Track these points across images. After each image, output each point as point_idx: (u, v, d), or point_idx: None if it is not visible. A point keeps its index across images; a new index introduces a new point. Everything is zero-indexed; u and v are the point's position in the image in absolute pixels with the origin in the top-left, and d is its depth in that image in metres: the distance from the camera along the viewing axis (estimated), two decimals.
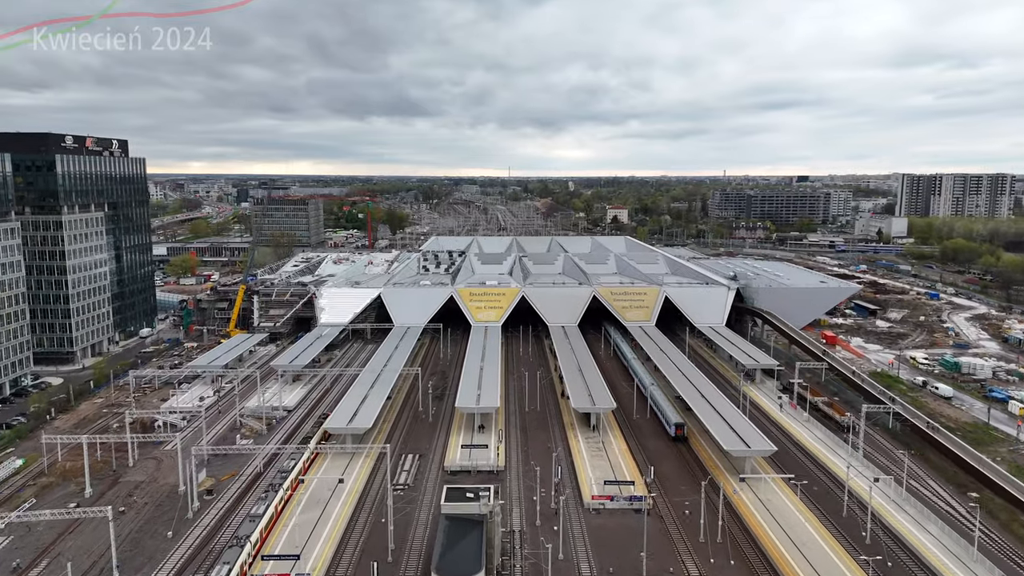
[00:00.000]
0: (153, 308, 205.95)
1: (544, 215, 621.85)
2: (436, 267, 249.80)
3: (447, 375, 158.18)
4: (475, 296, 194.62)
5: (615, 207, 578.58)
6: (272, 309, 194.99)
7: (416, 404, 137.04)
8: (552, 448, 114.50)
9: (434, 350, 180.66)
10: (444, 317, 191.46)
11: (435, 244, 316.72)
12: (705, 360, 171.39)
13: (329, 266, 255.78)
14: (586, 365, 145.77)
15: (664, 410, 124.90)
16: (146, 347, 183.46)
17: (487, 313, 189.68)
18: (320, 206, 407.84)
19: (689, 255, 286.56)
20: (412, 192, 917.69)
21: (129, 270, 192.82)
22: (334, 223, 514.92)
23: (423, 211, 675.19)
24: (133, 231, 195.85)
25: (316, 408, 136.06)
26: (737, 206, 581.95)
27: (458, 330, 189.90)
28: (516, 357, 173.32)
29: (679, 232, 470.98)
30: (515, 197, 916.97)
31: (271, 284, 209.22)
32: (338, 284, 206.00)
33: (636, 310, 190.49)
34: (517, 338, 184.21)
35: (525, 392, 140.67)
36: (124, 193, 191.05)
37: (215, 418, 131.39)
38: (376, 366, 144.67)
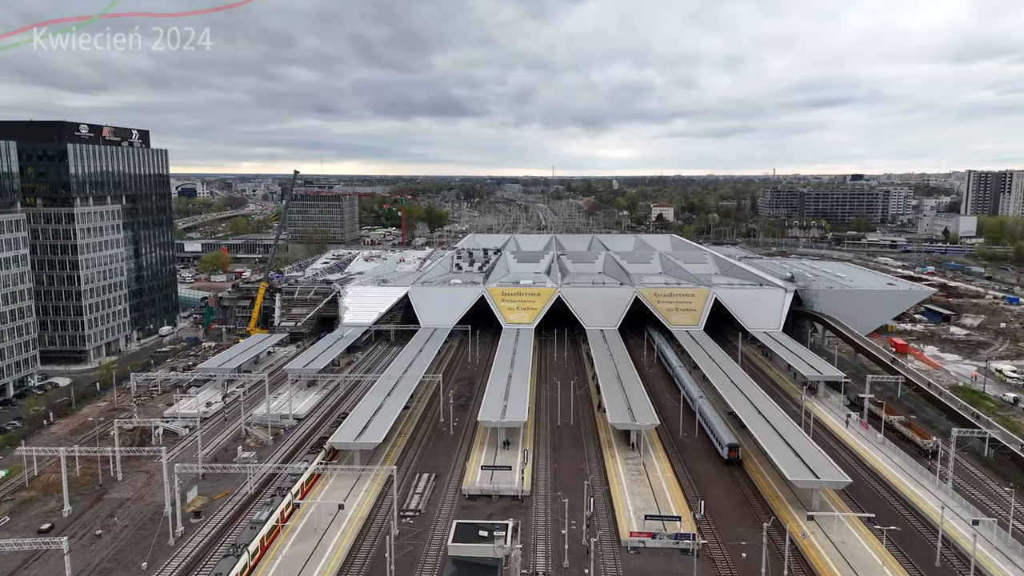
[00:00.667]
0: (175, 305, 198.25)
1: (586, 213, 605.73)
2: (470, 265, 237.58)
3: (474, 382, 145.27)
4: (507, 296, 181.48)
5: (660, 205, 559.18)
6: (295, 308, 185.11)
7: (438, 415, 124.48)
8: (586, 471, 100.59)
9: (462, 354, 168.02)
10: (475, 318, 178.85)
11: (471, 242, 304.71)
12: (760, 370, 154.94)
13: (360, 263, 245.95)
14: (626, 374, 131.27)
15: (715, 428, 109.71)
16: (163, 346, 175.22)
17: (520, 314, 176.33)
18: (356, 202, 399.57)
19: (740, 254, 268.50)
20: (454, 191, 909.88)
21: (149, 266, 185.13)
22: (373, 221, 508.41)
23: (463, 209, 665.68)
24: (153, 225, 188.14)
25: (329, 417, 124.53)
26: (789, 204, 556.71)
27: (489, 332, 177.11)
28: (549, 363, 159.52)
29: (728, 231, 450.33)
30: (557, 196, 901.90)
31: (295, 281, 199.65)
32: (364, 282, 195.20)
33: (682, 313, 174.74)
34: (551, 342, 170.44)
35: (558, 403, 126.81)
36: (144, 185, 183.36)
37: (219, 426, 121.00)
38: (396, 372, 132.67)
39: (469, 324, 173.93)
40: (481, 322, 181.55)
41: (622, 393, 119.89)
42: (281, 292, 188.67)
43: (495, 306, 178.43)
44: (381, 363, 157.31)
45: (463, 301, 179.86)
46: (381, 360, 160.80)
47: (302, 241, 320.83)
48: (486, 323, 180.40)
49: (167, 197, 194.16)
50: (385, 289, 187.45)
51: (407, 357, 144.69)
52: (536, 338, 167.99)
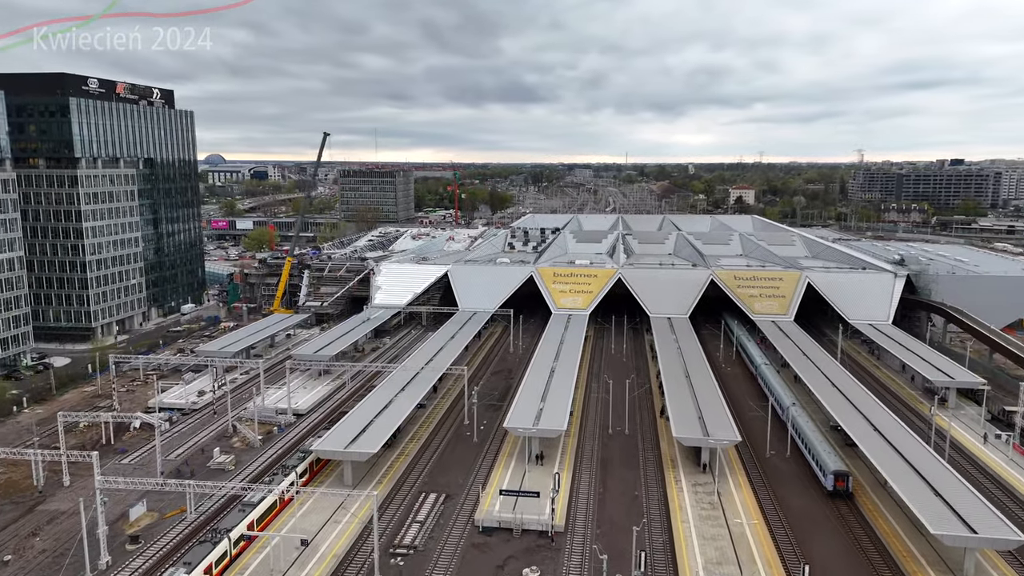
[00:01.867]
0: (201, 282, 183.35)
1: (659, 197, 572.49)
2: (523, 244, 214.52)
3: (512, 376, 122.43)
4: (560, 277, 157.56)
5: (739, 187, 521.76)
6: (323, 286, 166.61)
7: (463, 415, 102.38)
8: (640, 499, 76.60)
9: (503, 342, 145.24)
10: (523, 302, 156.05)
11: (530, 221, 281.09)
12: (866, 371, 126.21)
13: (406, 241, 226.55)
14: (697, 372, 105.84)
15: (815, 448, 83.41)
16: (180, 325, 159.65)
17: (572, 298, 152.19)
18: (411, 179, 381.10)
19: (834, 236, 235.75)
20: (522, 175, 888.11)
21: (170, 237, 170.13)
22: (436, 203, 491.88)
23: (529, 193, 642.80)
24: (176, 193, 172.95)
25: (335, 414, 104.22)
26: (884, 187, 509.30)
27: (537, 318, 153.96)
28: (604, 356, 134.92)
29: (815, 215, 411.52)
30: (630, 180, 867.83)
31: (328, 258, 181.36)
32: (401, 260, 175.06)
33: (768, 300, 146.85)
34: (607, 331, 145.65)
35: (610, 406, 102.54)
36: (165, 150, 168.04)
37: (206, 421, 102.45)
38: (417, 362, 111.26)
39: (515, 308, 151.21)
40: (529, 307, 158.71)
41: (691, 397, 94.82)
42: (310, 268, 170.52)
43: (544, 288, 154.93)
44: (412, 350, 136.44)
45: (508, 282, 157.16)
46: (412, 347, 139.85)
47: (353, 219, 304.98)
48: (535, 308, 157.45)
49: (193, 164, 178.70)
50: (422, 267, 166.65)
51: (435, 344, 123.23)
52: (591, 326, 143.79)
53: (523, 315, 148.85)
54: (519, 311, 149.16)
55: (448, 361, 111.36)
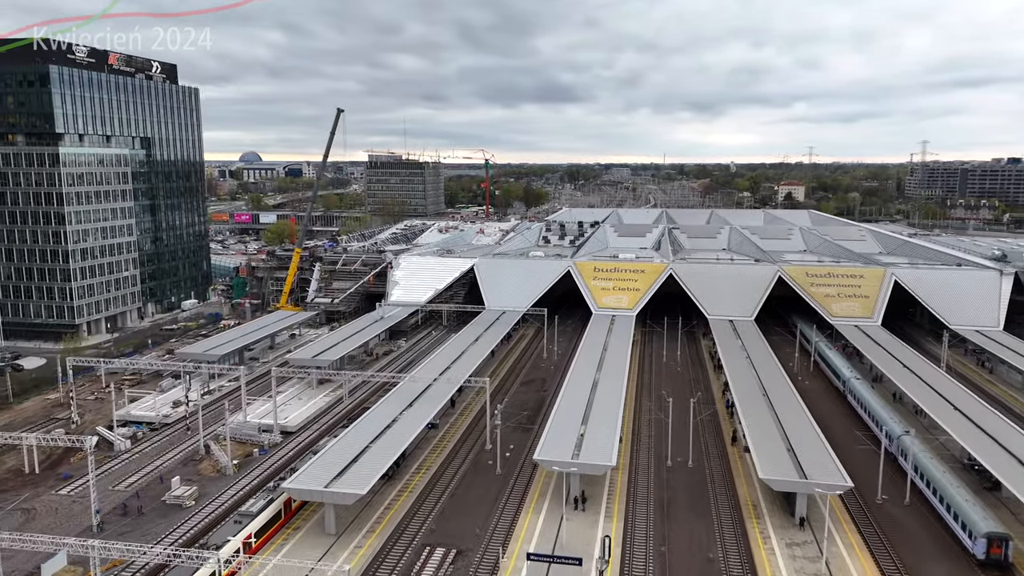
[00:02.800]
0: (206, 276, 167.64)
1: (702, 194, 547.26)
2: (560, 238, 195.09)
3: (546, 387, 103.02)
4: (601, 273, 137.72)
5: (789, 183, 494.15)
6: (336, 281, 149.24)
7: (484, 438, 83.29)
8: (716, 563, 56.63)
9: (536, 347, 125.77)
10: (558, 301, 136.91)
11: (566, 215, 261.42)
12: (978, 388, 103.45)
13: (432, 235, 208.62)
14: (777, 390, 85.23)
15: (954, 500, 62.12)
16: (177, 323, 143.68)
17: (616, 297, 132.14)
18: (440, 171, 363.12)
19: (907, 231, 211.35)
20: (558, 174, 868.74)
21: (170, 226, 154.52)
22: (469, 199, 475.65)
23: (566, 190, 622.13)
24: (178, 177, 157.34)
25: (330, 433, 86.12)
26: (946, 184, 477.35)
27: (573, 319, 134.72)
28: (655, 366, 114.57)
29: (874, 211, 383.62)
30: (669, 178, 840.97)
31: (344, 250, 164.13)
32: (423, 253, 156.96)
33: (847, 301, 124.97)
34: (658, 335, 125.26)
35: (667, 430, 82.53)
36: (164, 129, 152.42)
37: (177, 439, 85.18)
38: (431, 371, 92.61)
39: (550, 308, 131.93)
40: (566, 306, 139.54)
41: (774, 422, 74.38)
42: (322, 261, 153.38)
43: (584, 285, 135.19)
44: (429, 354, 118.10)
45: (542, 277, 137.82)
46: (430, 350, 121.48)
47: (379, 213, 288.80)
48: (573, 308, 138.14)
49: (198, 146, 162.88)
50: (446, 261, 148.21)
51: (456, 348, 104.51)
52: (637, 329, 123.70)
53: (559, 316, 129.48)
54: (554, 311, 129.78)
55: (469, 370, 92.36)
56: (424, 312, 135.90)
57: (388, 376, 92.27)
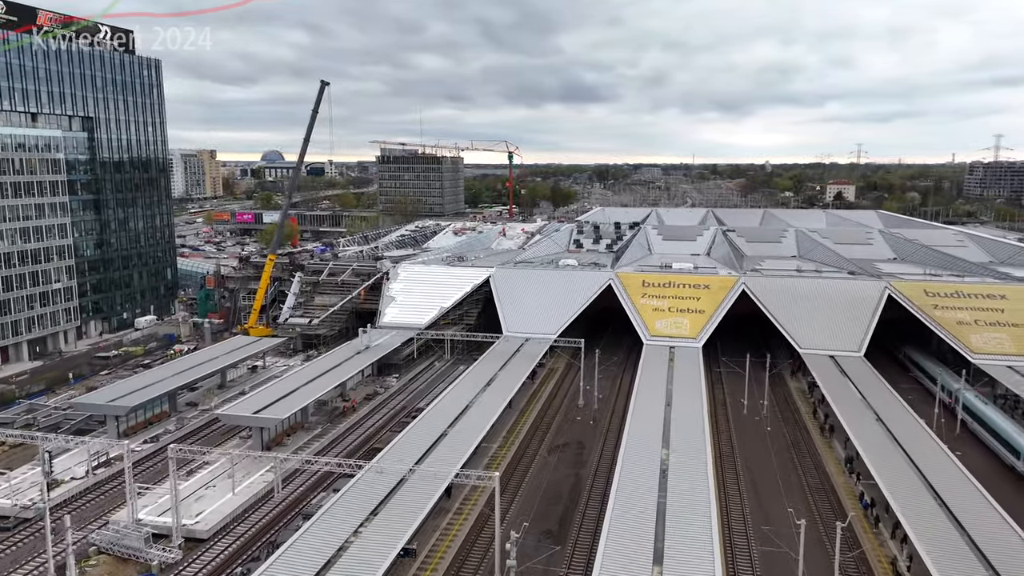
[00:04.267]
0: (171, 287, 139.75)
1: (741, 193, 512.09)
2: (594, 242, 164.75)
3: (585, 458, 72.73)
4: (652, 289, 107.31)
5: (838, 182, 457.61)
6: (320, 295, 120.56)
7: (489, 562, 53.32)
8: None
9: (568, 388, 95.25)
10: (595, 324, 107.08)
11: (600, 215, 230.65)
12: None
13: (446, 237, 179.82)
14: (950, 486, 54.18)
15: None
16: (120, 347, 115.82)
17: (674, 321, 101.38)
18: (459, 167, 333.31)
19: (1012, 236, 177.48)
20: (586, 174, 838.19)
21: (121, 228, 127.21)
22: (494, 199, 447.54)
23: (595, 189, 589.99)
24: (131, 168, 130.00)
25: (260, 540, 56.87)
26: (1010, 184, 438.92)
27: (617, 349, 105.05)
28: (734, 423, 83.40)
29: (939, 212, 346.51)
30: (703, 177, 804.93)
31: (334, 256, 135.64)
32: (428, 260, 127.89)
33: (991, 330, 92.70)
34: (734, 376, 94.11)
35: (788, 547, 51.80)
36: (115, 108, 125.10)
37: (31, 548, 56.66)
38: (410, 450, 62.94)
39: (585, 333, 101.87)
40: (607, 331, 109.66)
41: (963, 539, 43.65)
42: (303, 271, 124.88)
43: (630, 305, 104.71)
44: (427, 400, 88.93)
45: (576, 294, 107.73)
46: (430, 392, 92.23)
47: (391, 212, 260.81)
48: (616, 333, 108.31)
49: (159, 130, 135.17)
50: (455, 270, 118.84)
51: (456, 400, 74.65)
52: (704, 365, 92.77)
53: (598, 344, 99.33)
54: (592, 337, 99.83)
55: (467, 451, 62.17)
56: (423, 339, 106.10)
57: (339, 465, 61.93)
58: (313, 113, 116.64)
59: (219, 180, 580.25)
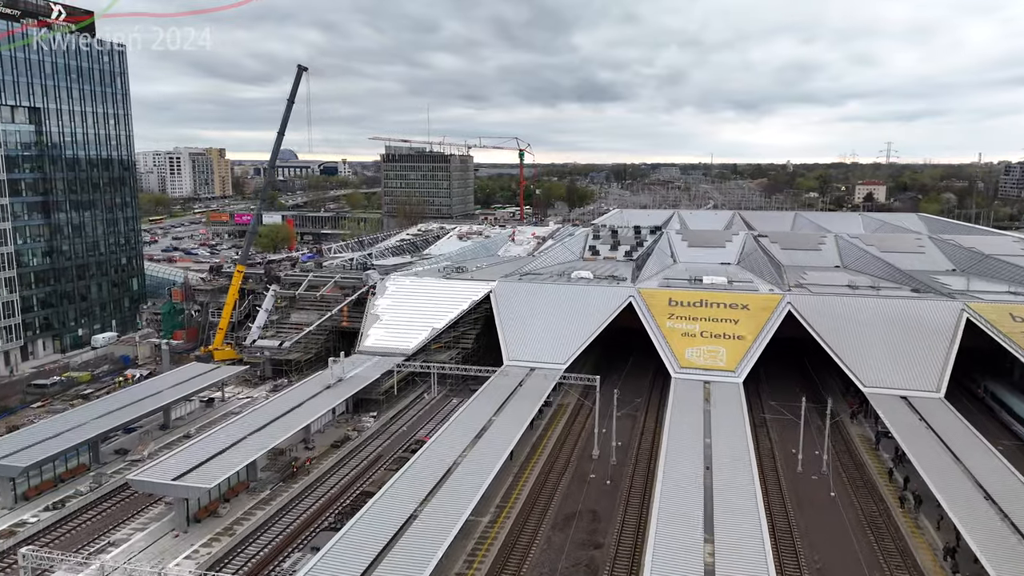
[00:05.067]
0: (136, 299, 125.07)
1: (764, 194, 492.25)
2: (612, 249, 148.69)
3: (597, 535, 56.57)
4: (680, 308, 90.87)
5: (868, 183, 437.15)
6: (298, 312, 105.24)
7: None
8: None
9: (579, 433, 78.89)
10: (612, 348, 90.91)
11: (617, 218, 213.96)
12: None
13: (449, 243, 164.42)
14: None
15: None
16: (66, 372, 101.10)
17: (708, 349, 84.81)
18: (470, 165, 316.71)
19: None
20: (603, 173, 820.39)
21: (76, 234, 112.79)
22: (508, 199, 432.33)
23: (612, 189, 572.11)
24: (89, 167, 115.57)
25: None
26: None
27: (639, 382, 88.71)
28: (786, 484, 66.81)
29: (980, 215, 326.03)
30: (723, 177, 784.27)
31: (315, 266, 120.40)
32: (424, 272, 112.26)
33: None
34: (785, 422, 77.27)
35: None
36: (67, 99, 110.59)
37: None
38: (365, 539, 47.18)
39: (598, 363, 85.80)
40: (624, 358, 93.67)
41: None
42: (279, 283, 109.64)
43: (655, 328, 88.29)
44: (407, 446, 73.19)
45: (591, 314, 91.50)
46: (412, 434, 76.68)
47: (395, 215, 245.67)
48: (640, 362, 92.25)
49: (124, 125, 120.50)
50: (451, 284, 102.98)
51: (437, 460, 58.70)
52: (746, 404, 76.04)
53: (616, 373, 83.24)
54: (608, 365, 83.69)
55: (445, 542, 46.23)
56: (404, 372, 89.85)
57: None
58: (288, 103, 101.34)
59: (228, 179, 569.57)
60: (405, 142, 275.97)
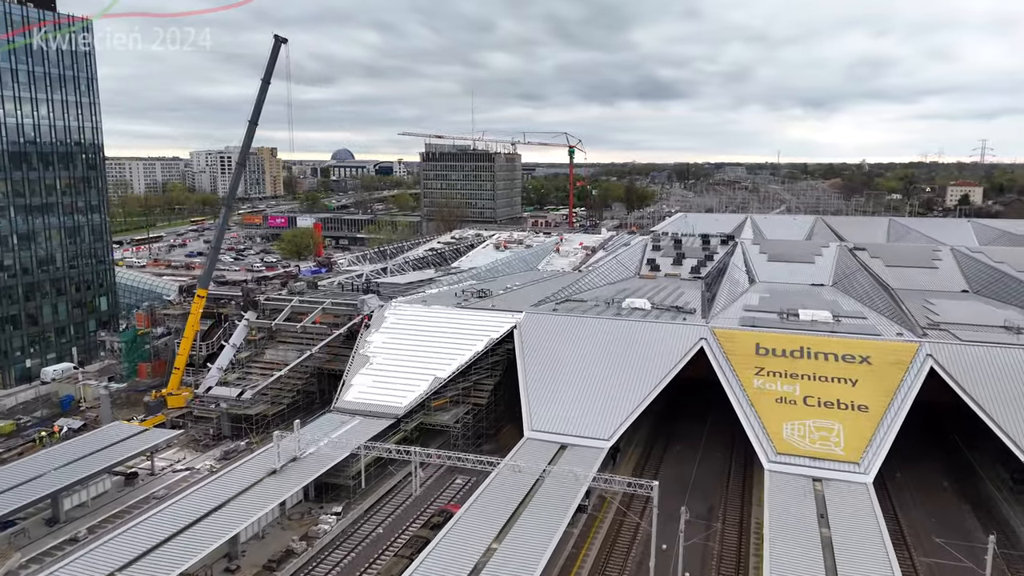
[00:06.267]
0: (106, 321, 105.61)
1: (843, 197, 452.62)
2: (675, 262, 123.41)
3: None
4: (771, 360, 65.14)
5: (962, 184, 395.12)
6: (275, 348, 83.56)
7: None
8: None
9: (623, 550, 54.33)
10: (671, 408, 66.08)
11: (681, 224, 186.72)
12: None
13: (484, 253, 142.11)
14: None
15: None
16: (11, 409, 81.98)
17: (816, 426, 58.79)
18: (517, 164, 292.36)
19: None
20: (664, 172, 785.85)
21: (24, 245, 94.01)
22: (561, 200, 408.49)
23: (675, 190, 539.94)
24: (42, 163, 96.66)
25: None
26: None
27: (711, 462, 63.54)
28: None
29: None
30: (793, 177, 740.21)
31: (310, 287, 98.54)
32: (435, 296, 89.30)
33: None
34: (922, 519, 51.30)
35: None
36: (16, 83, 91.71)
37: None
38: None
39: (653, 428, 61.01)
40: (688, 422, 69.08)
41: None
42: (256, 309, 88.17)
43: (738, 390, 62.76)
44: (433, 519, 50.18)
45: (648, 364, 66.80)
46: (400, 530, 53.56)
47: (433, 218, 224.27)
48: (711, 429, 67.23)
49: (91, 113, 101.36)
50: (466, 316, 79.52)
51: None
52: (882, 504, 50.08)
53: (678, 443, 58.34)
54: (664, 433, 58.75)
55: None
56: (370, 455, 66.66)
57: None
58: (263, 83, 79.68)
59: (279, 179, 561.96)
60: (439, 138, 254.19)
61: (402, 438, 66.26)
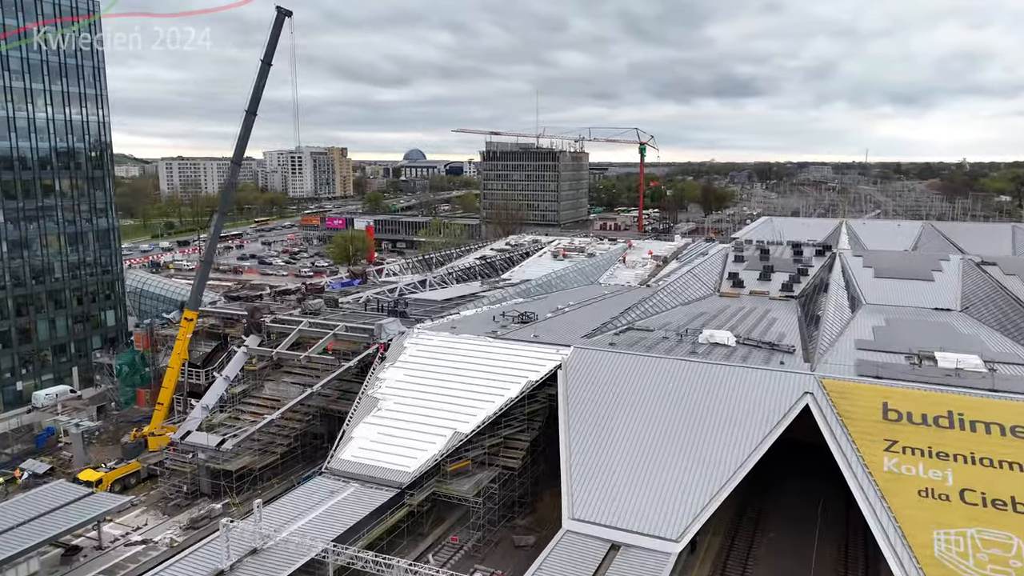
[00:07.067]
0: (114, 339, 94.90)
1: (945, 198, 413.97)
2: (762, 277, 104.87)
3: None
4: (907, 428, 46.65)
5: None
6: (275, 381, 70.20)
7: None
8: None
9: None
10: (758, 480, 48.60)
11: (766, 230, 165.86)
12: None
13: (540, 263, 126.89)
14: None
15: None
16: None
17: (980, 537, 40.47)
18: (584, 163, 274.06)
19: None
20: (745, 172, 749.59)
21: (17, 254, 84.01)
22: (632, 202, 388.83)
23: (756, 190, 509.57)
24: (39, 164, 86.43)
25: None
26: None
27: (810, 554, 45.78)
28: None
29: None
30: (885, 177, 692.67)
31: (332, 302, 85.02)
32: (463, 324, 74.07)
33: None
34: None
35: None
36: (8, 75, 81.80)
37: None
38: None
39: (736, 512, 43.90)
40: (786, 504, 51.20)
41: None
42: (262, 332, 75.01)
43: (862, 475, 44.73)
44: None
45: (732, 426, 49.55)
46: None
47: (492, 220, 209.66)
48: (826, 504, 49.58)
49: (99, 108, 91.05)
50: (501, 349, 63.88)
51: None
52: None
53: (766, 521, 41.23)
54: (748, 523, 41.71)
55: None
56: (344, 555, 51.91)
57: None
58: (263, 65, 66.39)
59: (349, 179, 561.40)
60: (496, 134, 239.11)
61: (408, 513, 51.43)
